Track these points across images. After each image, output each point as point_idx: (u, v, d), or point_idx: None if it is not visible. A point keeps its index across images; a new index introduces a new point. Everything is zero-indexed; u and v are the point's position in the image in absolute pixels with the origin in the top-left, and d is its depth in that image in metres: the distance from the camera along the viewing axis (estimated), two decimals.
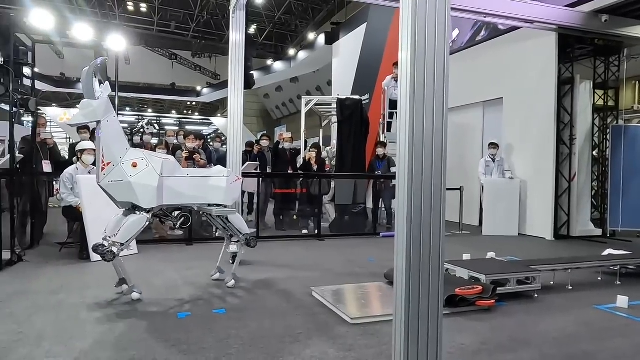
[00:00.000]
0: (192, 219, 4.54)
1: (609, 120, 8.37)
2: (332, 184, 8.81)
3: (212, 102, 29.80)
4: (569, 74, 7.99)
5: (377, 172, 8.67)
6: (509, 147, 8.81)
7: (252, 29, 22.99)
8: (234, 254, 5.26)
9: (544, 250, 6.97)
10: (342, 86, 14.22)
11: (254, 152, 9.04)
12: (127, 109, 30.61)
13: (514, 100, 8.72)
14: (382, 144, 8.88)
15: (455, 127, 9.00)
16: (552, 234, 7.89)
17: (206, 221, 5.96)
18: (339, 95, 10.38)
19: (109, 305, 3.79)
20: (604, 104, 8.34)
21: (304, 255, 6.26)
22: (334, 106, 9.72)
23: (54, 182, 7.40)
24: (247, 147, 8.90)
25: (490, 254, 5.25)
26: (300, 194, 8.67)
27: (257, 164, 8.51)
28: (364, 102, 10.28)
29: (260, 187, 7.78)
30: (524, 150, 8.52)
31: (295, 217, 8.68)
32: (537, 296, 4.22)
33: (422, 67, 2.26)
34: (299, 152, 9.85)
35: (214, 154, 8.44)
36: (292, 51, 21.85)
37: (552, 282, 4.60)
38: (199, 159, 7.31)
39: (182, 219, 4.33)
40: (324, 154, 9.72)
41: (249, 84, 6.52)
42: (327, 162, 9.88)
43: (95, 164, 6.05)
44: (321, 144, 11.08)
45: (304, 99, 10.74)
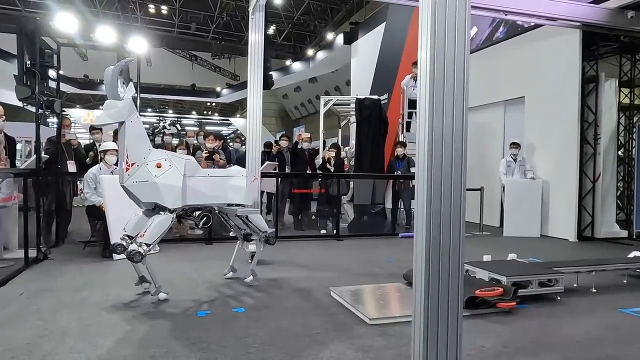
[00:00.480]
0: (212, 219, 4.59)
1: (635, 119, 8.17)
2: (351, 184, 8.80)
3: (231, 102, 30.06)
4: (593, 72, 7.81)
5: (396, 172, 8.62)
6: (531, 147, 8.67)
7: (271, 30, 23.10)
8: (253, 253, 5.33)
9: (567, 251, 6.83)
10: (361, 86, 14.19)
11: (273, 152, 9.08)
12: (148, 110, 31.09)
13: (536, 99, 8.57)
14: (402, 144, 8.83)
15: (475, 127, 8.89)
16: (576, 235, 7.74)
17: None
18: (357, 95, 10.36)
19: (131, 303, 3.86)
20: (630, 102, 8.14)
21: (322, 255, 6.27)
22: (353, 106, 9.71)
23: (78, 182, 7.57)
24: (265, 147, 8.95)
25: (511, 255, 5.17)
26: (318, 194, 8.69)
27: (276, 164, 8.55)
28: (383, 102, 10.24)
29: (278, 187, 7.82)
30: (546, 150, 8.37)
31: (313, 217, 8.70)
32: (559, 299, 4.14)
33: (441, 66, 2.24)
34: (317, 152, 9.86)
35: (234, 154, 8.51)
36: (310, 51, 21.88)
37: (575, 285, 4.50)
38: (219, 159, 7.38)
39: (204, 218, 4.39)
40: (342, 154, 9.72)
41: (267, 84, 6.54)
42: (345, 162, 9.87)
43: (117, 164, 6.20)
44: (340, 144, 11.08)
45: (323, 99, 10.75)
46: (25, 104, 5.32)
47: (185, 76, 27.62)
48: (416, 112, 2.40)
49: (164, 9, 22.59)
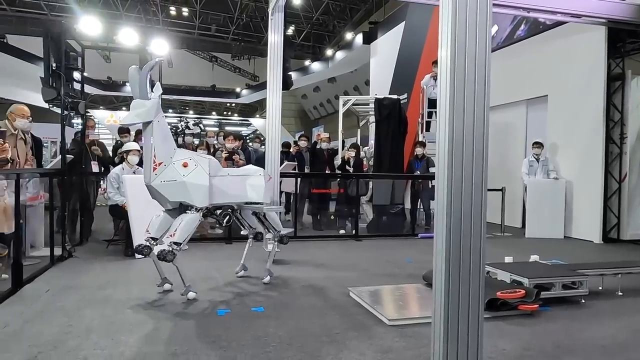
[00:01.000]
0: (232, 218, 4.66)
1: None
2: (370, 184, 8.76)
3: (251, 103, 30.23)
4: (619, 70, 7.61)
5: (415, 173, 8.56)
6: (554, 147, 8.50)
7: (290, 30, 23.18)
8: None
9: (592, 253, 6.68)
10: (380, 86, 14.12)
11: (292, 152, 9.11)
12: (169, 111, 31.52)
13: (560, 97, 8.40)
14: (421, 144, 8.76)
15: (497, 126, 8.77)
16: (601, 236, 7.56)
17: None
18: (376, 94, 10.31)
19: (153, 301, 3.92)
20: None
21: (341, 255, 6.26)
22: (372, 106, 9.66)
23: (101, 181, 7.72)
24: (283, 147, 8.97)
25: (533, 257, 5.08)
26: (337, 194, 8.68)
27: (295, 164, 8.58)
28: (402, 102, 10.15)
29: (297, 187, 7.85)
30: (570, 149, 8.20)
31: (332, 217, 8.69)
32: (584, 302, 4.05)
33: (462, 65, 2.21)
34: (336, 152, 9.85)
35: (253, 154, 8.57)
36: (329, 51, 21.87)
37: (600, 288, 4.40)
38: (238, 160, 7.44)
39: (227, 217, 4.44)
40: (361, 154, 9.69)
41: (287, 84, 6.57)
42: (364, 162, 9.83)
43: (140, 164, 6.30)
44: (359, 143, 11.04)
45: (342, 99, 10.73)
46: (51, 106, 5.44)
47: (205, 77, 27.89)
48: (436, 112, 2.37)
49: (185, 11, 22.88)
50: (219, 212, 4.39)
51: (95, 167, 6.99)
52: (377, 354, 2.87)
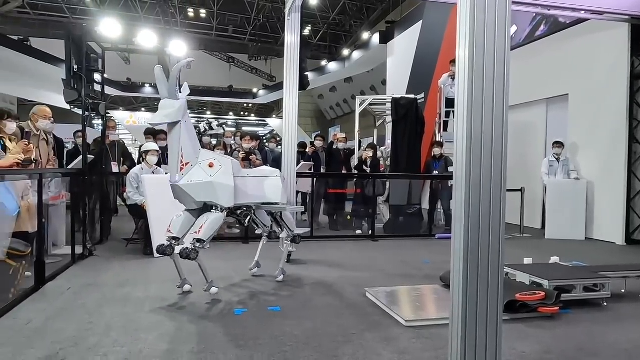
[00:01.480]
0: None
1: None
2: (387, 184, 8.72)
3: (267, 103, 30.37)
4: None
5: (434, 173, 8.50)
6: (575, 146, 8.35)
7: (307, 31, 23.21)
8: (289, 253, 5.43)
9: (614, 255, 6.54)
10: (397, 85, 14.04)
11: (308, 153, 9.11)
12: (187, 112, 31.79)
13: (581, 96, 8.24)
14: (439, 144, 8.69)
15: (516, 126, 8.65)
16: (624, 238, 7.39)
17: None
18: (393, 94, 10.26)
19: (171, 299, 3.96)
20: None
21: (357, 255, 6.25)
22: (389, 106, 9.61)
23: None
24: (299, 147, 8.99)
25: (553, 259, 5.00)
26: (354, 194, 8.67)
27: (312, 164, 8.58)
28: (419, 101, 10.08)
29: (314, 188, 7.86)
30: (592, 149, 8.04)
31: (349, 217, 8.68)
32: (606, 304, 3.96)
33: (481, 64, 2.18)
34: (353, 152, 9.83)
35: (270, 155, 8.61)
36: (346, 51, 21.83)
37: (623, 290, 4.30)
38: (255, 160, 7.48)
39: (248, 216, 4.49)
40: (378, 154, 9.65)
41: (303, 85, 6.57)
42: (381, 162, 9.79)
43: (158, 164, 6.38)
44: (375, 144, 10.99)
45: (358, 99, 10.70)
46: (72, 107, 5.54)
47: (222, 78, 28.11)
48: (454, 111, 2.35)
49: (203, 13, 23.10)
50: (239, 211, 4.42)
51: (115, 167, 7.09)
52: (394, 355, 2.86)
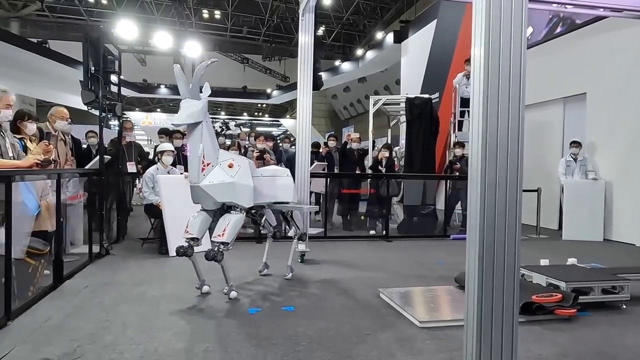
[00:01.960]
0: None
1: None
2: (402, 184, 8.68)
3: (281, 103, 30.46)
4: None
5: (455, 174, 8.45)
6: (592, 146, 8.21)
7: (321, 31, 23.21)
8: (303, 253, 5.44)
9: (633, 257, 6.41)
10: (411, 85, 13.98)
11: (321, 153, 9.11)
12: None
13: (599, 95, 8.11)
14: (460, 144, 8.60)
15: (532, 125, 8.54)
16: None
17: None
18: (407, 94, 10.21)
19: (186, 298, 3.99)
20: None
21: (371, 255, 6.23)
22: (403, 105, 9.56)
23: (137, 181, 7.93)
24: (313, 147, 8.98)
25: (571, 260, 4.92)
26: (368, 194, 8.64)
27: (325, 164, 8.59)
28: (434, 101, 10.02)
29: (327, 188, 7.86)
30: (610, 149, 7.90)
31: (362, 218, 8.66)
32: (625, 307, 3.89)
33: (496, 63, 2.16)
34: (366, 152, 9.81)
35: (283, 155, 8.63)
36: (360, 51, 21.79)
37: None
38: (269, 159, 7.51)
39: (264, 216, 4.53)
40: (392, 154, 9.61)
41: (317, 85, 6.57)
42: (395, 162, 9.75)
43: (173, 164, 6.44)
44: (390, 144, 10.94)
45: (372, 99, 10.67)
46: (89, 108, 5.62)
47: (237, 78, 28.28)
48: (469, 111, 2.33)
49: (217, 14, 23.27)
50: (253, 211, 4.44)
51: (131, 167, 7.18)
52: (408, 356, 2.84)
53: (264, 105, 34.19)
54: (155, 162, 6.51)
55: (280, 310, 3.73)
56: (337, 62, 23.70)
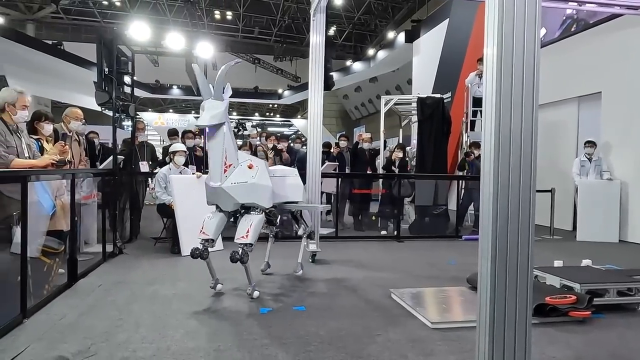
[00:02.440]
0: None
1: None
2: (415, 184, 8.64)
3: (292, 104, 30.52)
4: None
5: (469, 174, 8.40)
6: (607, 146, 8.09)
7: (332, 31, 23.22)
8: (314, 253, 5.45)
9: None
10: (423, 85, 13.90)
11: (333, 153, 9.10)
12: None
13: (615, 94, 7.99)
14: (476, 145, 8.52)
15: (546, 125, 8.45)
16: None
17: (286, 219, 6.16)
18: (419, 94, 10.16)
19: (198, 297, 4.01)
20: None
21: (382, 256, 6.21)
22: (414, 105, 9.52)
23: (149, 181, 7.99)
24: (324, 147, 8.98)
25: (585, 262, 4.86)
26: (380, 194, 8.62)
27: (336, 164, 8.58)
28: (446, 101, 9.96)
29: (338, 188, 7.85)
30: (626, 149, 7.78)
31: (374, 218, 8.63)
32: None
33: (509, 62, 2.13)
34: (378, 152, 9.78)
35: (295, 155, 8.64)
36: (371, 51, 21.73)
37: None
38: (287, 157, 7.55)
39: (278, 216, 4.55)
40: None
41: (328, 85, 6.57)
42: (407, 162, 9.70)
43: (185, 164, 6.48)
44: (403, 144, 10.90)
45: (383, 99, 10.64)
46: (103, 109, 5.68)
47: (248, 79, 28.38)
48: (481, 111, 2.31)
49: (229, 15, 23.40)
50: (267, 211, 4.45)
51: (144, 167, 7.24)
52: (419, 357, 2.83)
53: (276, 105, 34.29)
54: (165, 163, 6.55)
55: (291, 310, 3.74)
56: (349, 62, 23.67)
